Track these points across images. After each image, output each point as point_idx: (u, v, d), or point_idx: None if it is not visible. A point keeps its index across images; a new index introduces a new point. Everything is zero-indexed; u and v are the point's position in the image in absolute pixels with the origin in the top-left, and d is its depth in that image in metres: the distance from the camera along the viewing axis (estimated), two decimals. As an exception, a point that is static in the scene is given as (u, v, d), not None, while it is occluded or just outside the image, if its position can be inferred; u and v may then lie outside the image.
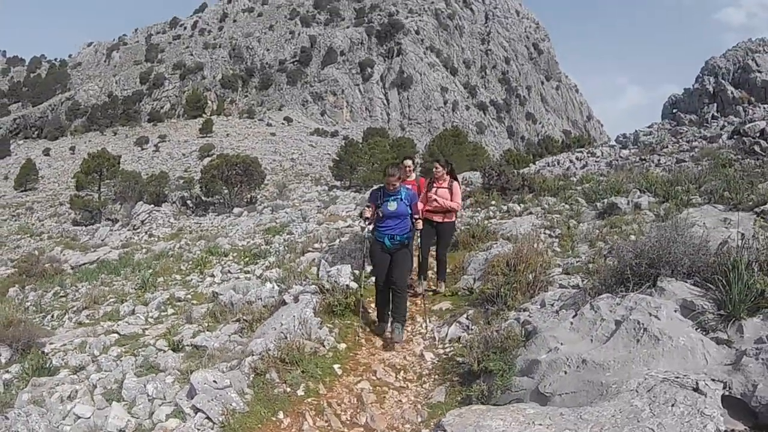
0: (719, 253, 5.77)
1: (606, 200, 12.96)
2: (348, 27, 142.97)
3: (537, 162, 36.22)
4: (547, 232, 11.66)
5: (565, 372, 4.81)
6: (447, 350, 6.92)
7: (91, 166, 44.39)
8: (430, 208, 8.90)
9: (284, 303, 8.07)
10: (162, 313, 11.55)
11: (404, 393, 6.10)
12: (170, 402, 5.77)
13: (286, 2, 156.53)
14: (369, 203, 7.71)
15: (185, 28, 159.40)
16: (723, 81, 38.49)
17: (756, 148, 17.36)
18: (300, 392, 5.84)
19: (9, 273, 21.58)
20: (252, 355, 6.19)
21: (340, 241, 13.44)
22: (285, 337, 6.49)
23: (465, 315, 7.65)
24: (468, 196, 17.51)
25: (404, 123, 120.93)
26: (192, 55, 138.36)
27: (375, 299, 7.89)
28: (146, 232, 30.43)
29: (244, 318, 8.65)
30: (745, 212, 9.95)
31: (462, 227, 12.56)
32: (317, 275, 9.04)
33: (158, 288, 14.24)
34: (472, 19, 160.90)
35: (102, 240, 30.34)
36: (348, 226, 17.15)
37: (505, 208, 14.78)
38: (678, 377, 3.97)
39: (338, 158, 47.43)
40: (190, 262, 16.90)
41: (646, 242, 6.25)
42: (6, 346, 9.44)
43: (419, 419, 5.52)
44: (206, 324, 9.64)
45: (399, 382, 6.34)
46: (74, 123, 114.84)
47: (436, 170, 9.13)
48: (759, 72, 37.44)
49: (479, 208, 15.51)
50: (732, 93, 36.57)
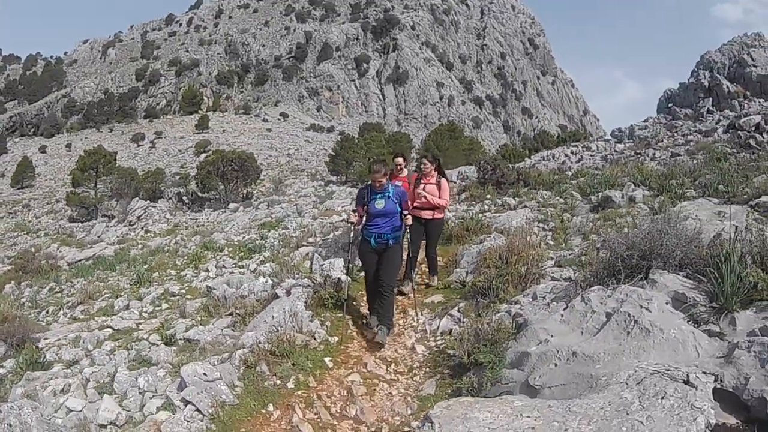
0: (712, 246, 5.74)
1: (600, 194, 12.98)
2: (343, 23, 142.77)
3: (532, 156, 36.16)
4: (541, 226, 11.68)
5: (555, 364, 4.78)
6: (438, 343, 6.91)
7: (88, 163, 44.32)
8: (418, 205, 8.75)
9: (276, 297, 8.06)
10: (156, 308, 11.60)
11: (395, 385, 6.10)
12: (161, 395, 5.80)
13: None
14: (356, 205, 7.57)
15: (181, 25, 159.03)
16: (718, 75, 38.47)
17: (751, 142, 17.38)
18: (290, 385, 5.83)
19: (5, 270, 21.57)
20: (243, 348, 6.18)
21: (334, 235, 13.43)
22: (276, 330, 6.49)
23: (457, 308, 7.63)
24: (463, 190, 17.53)
25: (400, 118, 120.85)
26: (188, 52, 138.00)
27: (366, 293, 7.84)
28: (142, 228, 30.35)
29: (237, 312, 8.66)
30: (740, 205, 9.97)
31: (456, 221, 12.54)
32: (310, 269, 9.00)
33: (153, 283, 14.24)
34: (468, 15, 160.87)
35: (98, 236, 30.24)
36: (342, 220, 17.12)
37: (500, 202, 14.80)
38: (668, 370, 3.92)
39: (334, 153, 47.33)
40: (185, 258, 16.88)
41: (638, 234, 6.19)
42: (1, 342, 9.50)
43: (409, 412, 5.52)
44: (200, 318, 9.68)
45: (390, 375, 6.34)
46: (70, 120, 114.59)
47: (425, 166, 9.00)
48: (754, 66, 37.42)
49: (474, 202, 15.51)
50: (727, 87, 36.53)
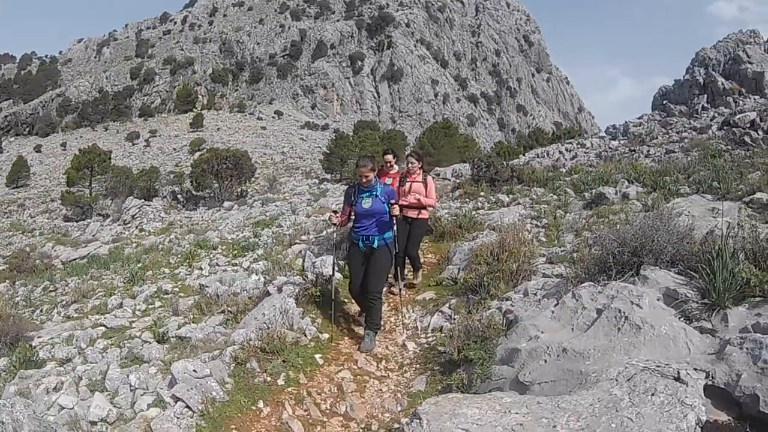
0: (704, 242, 5.73)
1: (594, 190, 12.98)
2: (338, 20, 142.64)
3: (527, 153, 36.19)
4: (534, 222, 11.68)
5: (545, 361, 4.74)
6: (429, 340, 6.89)
7: (82, 162, 44.36)
8: (406, 203, 8.56)
9: (268, 294, 8.05)
10: (149, 306, 11.62)
11: (385, 382, 6.08)
12: (152, 392, 5.80)
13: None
14: (343, 204, 7.26)
15: (175, 23, 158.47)
16: (713, 72, 38.42)
17: (746, 139, 17.41)
18: (280, 381, 5.82)
19: (0, 269, 21.54)
20: (233, 345, 6.18)
21: (327, 233, 13.41)
22: (267, 327, 6.47)
23: (448, 305, 7.62)
24: (457, 188, 17.53)
25: (395, 116, 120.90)
26: (182, 50, 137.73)
27: None
28: (137, 227, 30.38)
29: (229, 309, 8.67)
30: (734, 202, 9.99)
31: (449, 218, 12.56)
32: (302, 266, 8.98)
33: (147, 281, 14.27)
34: (463, 12, 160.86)
35: (93, 235, 30.25)
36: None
37: (494, 199, 14.80)
38: (659, 366, 3.89)
39: (329, 151, 47.42)
40: (179, 256, 16.90)
41: (629, 230, 6.17)
42: (-6, 340, 9.48)
43: (399, 408, 5.51)
44: (192, 316, 9.70)
45: (380, 372, 6.32)
46: (65, 119, 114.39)
47: (411, 165, 8.87)
48: (749, 63, 37.36)
49: (468, 199, 15.50)
50: (722, 84, 36.49)
